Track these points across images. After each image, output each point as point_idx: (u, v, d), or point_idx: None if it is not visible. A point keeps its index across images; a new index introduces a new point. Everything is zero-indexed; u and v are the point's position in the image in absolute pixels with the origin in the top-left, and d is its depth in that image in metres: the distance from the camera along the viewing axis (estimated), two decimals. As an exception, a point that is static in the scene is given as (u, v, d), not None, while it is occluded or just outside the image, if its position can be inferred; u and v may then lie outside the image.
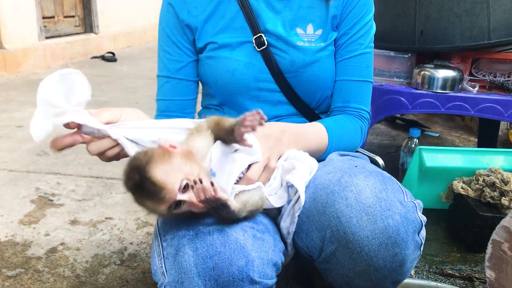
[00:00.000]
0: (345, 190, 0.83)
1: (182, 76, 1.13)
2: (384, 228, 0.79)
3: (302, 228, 0.89)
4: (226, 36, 1.07)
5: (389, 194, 0.82)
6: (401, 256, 0.80)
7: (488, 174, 1.65)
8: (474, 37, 1.77)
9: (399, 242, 0.79)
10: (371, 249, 0.79)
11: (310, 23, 1.08)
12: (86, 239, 1.76)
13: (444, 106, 1.81)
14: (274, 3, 1.07)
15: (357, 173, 0.86)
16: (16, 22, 5.02)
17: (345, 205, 0.81)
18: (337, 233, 0.81)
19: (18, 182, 2.26)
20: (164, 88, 1.14)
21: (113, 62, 5.96)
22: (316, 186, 0.88)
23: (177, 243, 0.79)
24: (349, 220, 0.80)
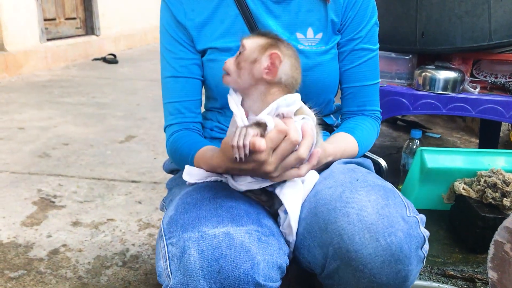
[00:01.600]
0: (347, 207, 0.82)
1: (189, 74, 1.10)
2: (387, 246, 0.78)
3: (304, 244, 0.88)
4: (226, 41, 1.07)
5: (391, 210, 0.82)
6: (404, 272, 0.80)
7: (489, 175, 1.65)
8: (475, 38, 1.77)
9: (402, 259, 0.79)
10: (374, 266, 0.79)
11: (310, 27, 1.08)
12: (88, 240, 1.77)
13: (445, 107, 1.82)
14: (272, 7, 1.07)
15: (359, 188, 0.85)
16: (17, 24, 5.03)
17: (347, 223, 0.80)
18: (340, 250, 0.80)
19: (19, 183, 2.27)
20: (173, 89, 1.11)
21: (114, 64, 5.97)
22: (317, 201, 0.87)
23: (182, 245, 0.79)
24: (351, 238, 0.79)
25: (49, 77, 4.96)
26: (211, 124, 1.15)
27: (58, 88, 4.39)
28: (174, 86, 1.11)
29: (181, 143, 1.07)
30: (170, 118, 1.13)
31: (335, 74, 1.12)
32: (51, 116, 3.46)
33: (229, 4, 1.07)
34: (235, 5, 1.06)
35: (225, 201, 0.87)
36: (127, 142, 2.92)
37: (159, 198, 2.12)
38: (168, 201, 1.09)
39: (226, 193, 0.91)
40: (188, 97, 1.11)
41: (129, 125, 3.27)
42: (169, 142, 1.12)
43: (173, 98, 1.12)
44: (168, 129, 1.13)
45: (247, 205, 0.89)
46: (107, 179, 2.34)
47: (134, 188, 2.24)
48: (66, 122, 3.33)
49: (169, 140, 1.12)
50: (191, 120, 1.12)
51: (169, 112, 1.13)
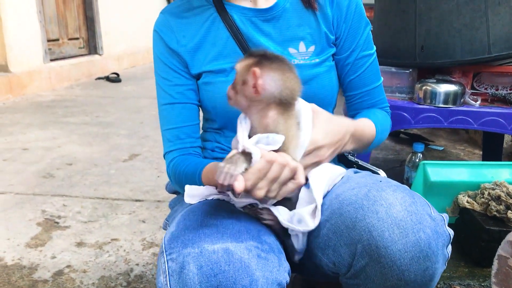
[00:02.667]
0: (375, 204, 0.83)
1: (186, 100, 1.11)
2: (416, 242, 0.79)
3: (329, 244, 0.88)
4: (219, 63, 1.08)
5: (418, 208, 0.83)
6: (431, 270, 0.81)
7: (493, 187, 1.64)
8: (474, 51, 1.78)
9: (430, 256, 0.80)
10: (403, 263, 0.79)
11: (302, 41, 1.09)
12: (92, 261, 1.77)
13: (446, 121, 1.82)
14: (262, 26, 1.08)
15: (385, 188, 0.86)
16: (21, 45, 5.09)
17: (376, 219, 0.81)
18: (369, 247, 0.81)
19: (24, 205, 2.27)
20: (170, 116, 1.12)
21: (118, 83, 6.02)
22: (341, 202, 0.88)
23: (182, 260, 0.80)
24: (381, 234, 0.80)
25: (52, 97, 5.00)
26: (212, 145, 1.16)
27: (62, 108, 4.43)
28: (171, 113, 1.12)
29: (183, 166, 1.08)
30: (169, 144, 1.13)
31: (332, 86, 1.13)
32: (55, 136, 3.48)
33: (219, 27, 1.08)
34: (225, 28, 1.08)
35: (226, 218, 0.88)
36: (130, 161, 2.93)
37: (163, 216, 2.12)
38: (171, 219, 1.09)
39: (227, 210, 0.92)
40: (185, 122, 1.12)
41: (132, 144, 3.28)
42: (169, 168, 1.13)
43: (171, 124, 1.12)
44: (168, 155, 1.14)
45: (248, 222, 0.89)
46: (111, 199, 2.34)
47: (138, 207, 2.24)
48: (70, 142, 3.35)
49: (169, 166, 1.12)
50: (190, 145, 1.13)
51: (167, 139, 1.14)
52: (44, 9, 5.53)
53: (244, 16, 1.08)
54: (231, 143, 1.00)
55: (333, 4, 1.11)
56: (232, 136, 1.11)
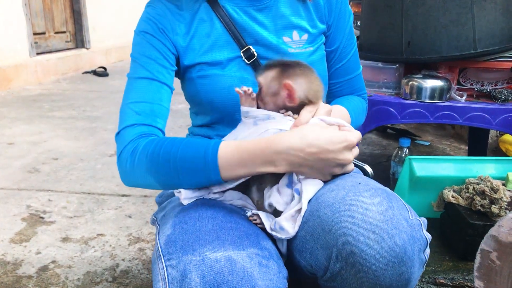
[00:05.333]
0: (351, 209, 0.82)
1: (166, 81, 1.03)
2: (391, 247, 0.79)
3: (306, 247, 0.88)
4: (214, 55, 1.06)
5: (395, 212, 0.82)
6: (407, 275, 0.80)
7: (477, 182, 1.66)
8: (460, 47, 1.79)
9: (405, 261, 0.79)
10: (378, 267, 0.79)
11: (295, 30, 1.10)
12: (77, 256, 1.75)
13: (432, 116, 1.83)
14: (256, 15, 1.08)
15: (362, 191, 0.85)
16: (7, 39, 5.02)
17: (352, 224, 0.80)
18: (344, 252, 0.80)
19: (9, 199, 2.25)
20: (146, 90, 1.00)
21: (105, 77, 5.97)
22: (320, 204, 0.87)
23: (183, 268, 0.78)
24: (356, 238, 0.79)
25: (39, 91, 4.95)
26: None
27: (49, 102, 4.38)
28: (147, 88, 1.01)
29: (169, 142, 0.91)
30: (136, 118, 0.97)
31: (325, 75, 1.16)
32: (41, 131, 3.45)
33: (213, 18, 1.07)
34: (218, 19, 1.07)
35: (224, 222, 0.86)
36: (117, 156, 2.91)
37: (150, 211, 2.11)
38: (161, 216, 1.05)
39: (224, 212, 0.90)
40: (162, 102, 1.01)
41: (119, 138, 3.26)
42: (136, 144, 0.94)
43: (145, 98, 0.99)
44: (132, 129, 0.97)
45: (247, 226, 0.88)
46: (97, 194, 2.33)
47: (124, 202, 2.23)
48: (57, 137, 3.32)
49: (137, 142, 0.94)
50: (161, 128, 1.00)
51: (134, 112, 0.98)
52: (30, 2, 5.46)
53: (237, 6, 1.08)
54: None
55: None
56: (225, 130, 1.10)
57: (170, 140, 0.91)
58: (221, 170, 0.87)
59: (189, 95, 1.13)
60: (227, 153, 0.87)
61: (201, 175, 0.88)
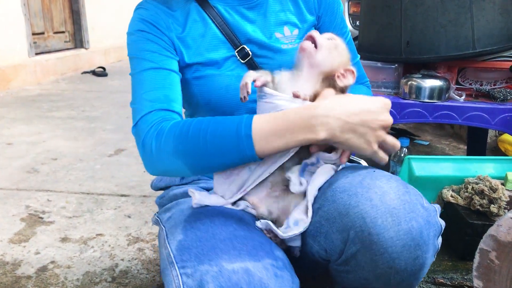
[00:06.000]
0: (369, 192, 0.83)
1: (172, 68, 1.00)
2: (408, 230, 0.79)
3: (321, 231, 0.88)
4: (209, 55, 1.06)
5: (412, 197, 0.83)
6: (421, 260, 0.81)
7: (476, 182, 1.66)
8: (459, 47, 1.79)
9: (421, 245, 0.80)
10: (394, 250, 0.79)
11: (285, 26, 1.10)
12: (77, 256, 1.75)
13: (431, 115, 1.83)
14: (246, 13, 1.08)
15: (379, 176, 0.86)
16: (5, 39, 5.02)
17: (370, 206, 0.81)
18: (361, 234, 0.81)
19: (8, 200, 2.25)
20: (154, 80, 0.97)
21: (104, 77, 5.97)
22: (334, 190, 0.88)
23: (199, 278, 0.77)
24: (374, 220, 0.80)
25: (38, 91, 4.94)
26: None
27: (48, 102, 4.38)
28: (155, 76, 0.97)
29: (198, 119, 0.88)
30: (152, 104, 0.94)
31: None
32: (40, 131, 3.44)
33: (205, 18, 1.07)
34: (210, 19, 1.07)
35: (237, 230, 0.86)
36: (116, 156, 2.91)
37: (149, 211, 2.11)
38: (167, 218, 1.03)
39: (235, 218, 0.90)
40: (172, 87, 0.98)
41: (118, 138, 3.26)
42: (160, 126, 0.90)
43: (156, 86, 0.96)
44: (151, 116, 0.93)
45: (259, 234, 0.88)
46: (96, 194, 2.33)
47: (123, 202, 2.22)
48: (56, 137, 3.32)
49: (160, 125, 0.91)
50: (179, 112, 0.96)
51: (148, 100, 0.95)
52: (29, 2, 5.46)
53: (228, 6, 1.08)
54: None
55: None
56: None
57: (197, 119, 0.87)
58: (256, 142, 0.82)
59: (185, 98, 1.10)
60: (261, 123, 0.82)
61: (235, 151, 0.83)
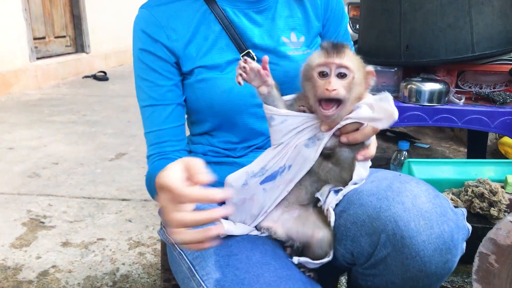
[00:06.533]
0: (400, 195, 0.82)
1: (168, 101, 1.07)
2: (440, 234, 0.79)
3: (347, 235, 0.88)
4: (213, 58, 1.05)
5: (442, 201, 0.83)
6: (451, 263, 0.81)
7: (476, 185, 1.66)
8: (458, 50, 1.80)
9: (451, 249, 0.80)
10: (426, 254, 0.79)
11: (292, 31, 1.10)
12: (78, 261, 1.76)
13: (431, 119, 1.83)
14: (254, 17, 1.08)
15: (408, 180, 0.86)
16: (7, 44, 5.03)
17: (402, 210, 0.81)
18: (393, 237, 0.81)
19: (9, 204, 2.25)
20: (152, 118, 1.08)
21: (105, 81, 5.98)
22: (360, 193, 0.87)
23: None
24: (407, 224, 0.80)
25: (39, 96, 4.96)
26: (203, 149, 1.13)
27: (49, 107, 4.39)
28: (152, 115, 1.08)
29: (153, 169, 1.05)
30: (150, 148, 1.11)
31: None
32: (41, 136, 3.45)
33: (211, 20, 1.06)
34: (217, 21, 1.05)
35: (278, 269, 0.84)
36: (117, 160, 2.91)
37: (150, 216, 2.12)
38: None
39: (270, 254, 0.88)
40: (167, 124, 1.08)
41: (119, 143, 3.27)
42: (148, 173, 1.10)
43: (153, 127, 1.09)
44: (149, 160, 1.12)
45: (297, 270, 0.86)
46: (97, 198, 2.33)
47: (124, 206, 2.23)
48: (56, 141, 3.32)
49: (148, 171, 1.10)
50: (171, 149, 1.09)
51: (149, 142, 1.11)
52: (30, 7, 5.48)
53: (237, 8, 1.07)
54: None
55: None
56: (224, 136, 1.10)
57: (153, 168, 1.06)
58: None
59: (188, 102, 1.11)
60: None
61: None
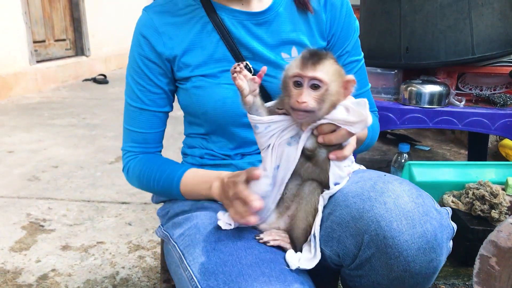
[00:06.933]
0: (383, 196, 0.83)
1: (156, 108, 1.11)
2: (423, 233, 0.79)
3: (333, 236, 0.88)
4: (210, 67, 1.04)
5: (425, 200, 0.83)
6: (435, 262, 0.81)
7: (477, 187, 1.66)
8: (458, 52, 1.80)
9: (435, 248, 0.80)
10: (409, 253, 0.79)
11: (294, 46, 1.07)
12: (77, 264, 1.75)
13: (432, 121, 1.83)
14: (254, 30, 1.06)
15: (391, 180, 0.87)
16: (6, 47, 5.04)
17: (384, 210, 0.81)
18: (376, 237, 0.81)
19: (9, 208, 2.25)
20: (138, 120, 1.13)
21: (105, 84, 5.98)
22: (346, 195, 0.87)
23: None
24: (389, 224, 0.80)
25: (39, 99, 4.95)
26: (200, 152, 1.13)
27: (49, 110, 4.39)
28: (139, 117, 1.13)
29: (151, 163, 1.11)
30: (132, 145, 1.15)
31: None
32: (41, 139, 3.45)
33: (210, 30, 1.05)
34: (215, 31, 1.04)
35: (262, 253, 0.85)
36: (117, 163, 2.91)
37: (149, 219, 2.11)
38: (178, 234, 1.00)
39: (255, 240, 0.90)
40: (153, 129, 1.14)
41: (119, 146, 3.24)
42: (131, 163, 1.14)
43: (138, 128, 1.14)
44: (126, 154, 1.17)
45: (282, 256, 0.87)
46: (97, 201, 2.33)
47: (124, 210, 2.22)
48: (56, 144, 3.32)
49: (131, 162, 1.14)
50: (154, 150, 1.16)
51: (131, 139, 1.16)
52: (30, 11, 5.48)
53: (236, 19, 1.05)
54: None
55: (326, 7, 1.09)
56: (219, 141, 1.09)
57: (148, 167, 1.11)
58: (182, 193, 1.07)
59: (183, 105, 1.12)
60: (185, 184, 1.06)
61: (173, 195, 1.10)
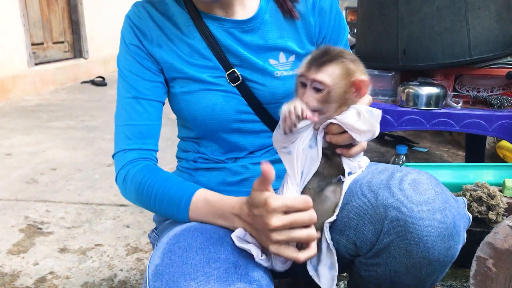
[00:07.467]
0: (402, 183, 0.84)
1: (153, 97, 1.03)
2: (442, 220, 0.80)
3: (349, 225, 0.88)
4: (197, 72, 1.02)
5: (443, 188, 0.85)
6: (453, 250, 0.82)
7: (474, 189, 1.66)
8: (455, 54, 1.80)
9: (454, 235, 0.81)
10: (429, 240, 0.80)
11: (281, 52, 1.05)
12: (75, 267, 1.75)
13: (429, 123, 1.83)
14: (240, 36, 1.04)
15: (408, 170, 0.88)
16: (5, 49, 5.04)
17: (405, 196, 0.82)
18: (397, 223, 0.81)
19: (6, 210, 2.25)
20: (134, 111, 1.02)
21: (103, 87, 5.98)
22: (363, 185, 0.88)
23: None
24: (410, 210, 0.80)
25: (37, 102, 4.95)
26: (194, 156, 1.11)
27: (47, 112, 4.39)
28: (135, 108, 1.03)
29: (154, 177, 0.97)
30: (127, 142, 1.02)
31: None
32: (39, 141, 3.45)
33: (196, 36, 1.03)
34: (201, 38, 1.03)
35: (212, 252, 0.82)
36: (115, 165, 2.91)
37: (147, 221, 2.11)
38: (159, 240, 0.98)
39: (215, 239, 0.86)
40: (150, 120, 1.04)
41: (117, 148, 3.26)
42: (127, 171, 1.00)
43: (133, 120, 1.03)
44: (123, 154, 1.02)
45: (236, 255, 0.83)
46: (95, 204, 2.33)
47: (122, 212, 2.22)
48: (55, 147, 3.32)
49: (127, 169, 1.01)
50: (152, 148, 1.04)
51: (125, 135, 1.03)
52: (28, 13, 5.48)
53: (221, 27, 1.03)
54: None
55: (315, 11, 1.07)
56: (211, 146, 1.08)
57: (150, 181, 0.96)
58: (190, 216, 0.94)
59: (174, 109, 1.09)
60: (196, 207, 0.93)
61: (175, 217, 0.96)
